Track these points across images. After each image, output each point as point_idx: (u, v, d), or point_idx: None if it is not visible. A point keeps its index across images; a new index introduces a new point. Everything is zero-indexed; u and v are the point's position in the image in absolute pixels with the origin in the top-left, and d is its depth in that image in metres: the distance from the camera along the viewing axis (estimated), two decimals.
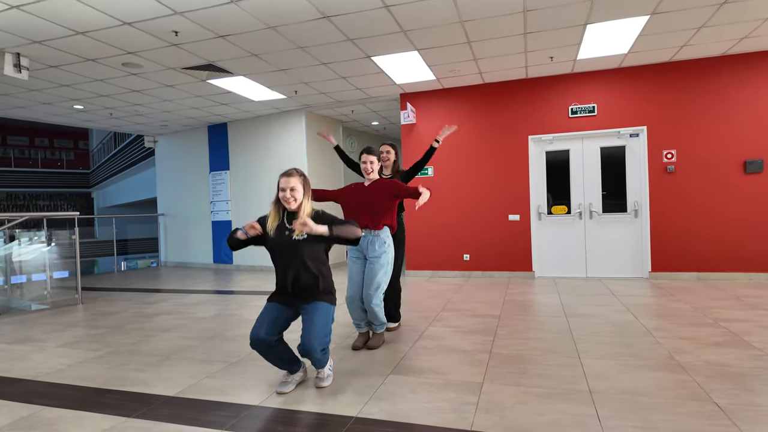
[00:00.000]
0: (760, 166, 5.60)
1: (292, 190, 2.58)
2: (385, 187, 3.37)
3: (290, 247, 2.59)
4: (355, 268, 3.45)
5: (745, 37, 5.10)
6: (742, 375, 2.67)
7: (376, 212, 3.34)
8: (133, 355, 3.45)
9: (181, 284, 7.06)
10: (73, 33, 4.34)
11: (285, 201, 2.60)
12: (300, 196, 2.61)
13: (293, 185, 2.59)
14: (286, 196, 2.58)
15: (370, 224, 3.33)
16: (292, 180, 2.59)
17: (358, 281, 3.41)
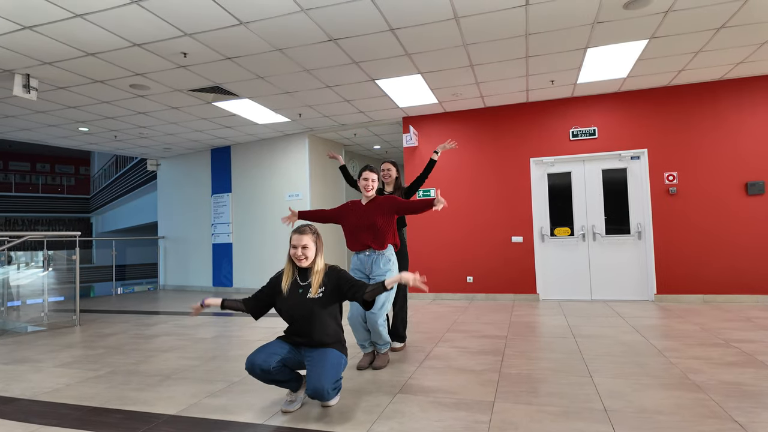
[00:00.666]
0: (762, 188, 5.63)
1: (304, 248, 2.56)
2: (385, 204, 3.31)
3: (305, 306, 2.56)
4: None
5: (742, 61, 5.21)
6: (761, 393, 2.60)
7: (377, 231, 3.27)
8: (132, 375, 3.36)
9: (181, 306, 6.95)
10: (83, 54, 4.42)
11: (296, 258, 2.58)
12: (312, 255, 2.59)
13: (305, 243, 2.57)
14: (297, 253, 2.57)
15: (373, 244, 3.28)
16: (304, 238, 2.57)
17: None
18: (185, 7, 3.60)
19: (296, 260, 2.58)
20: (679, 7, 3.86)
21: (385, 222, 3.29)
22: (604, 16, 3.99)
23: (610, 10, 3.89)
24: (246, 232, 8.56)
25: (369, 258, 3.30)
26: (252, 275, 8.47)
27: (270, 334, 4.68)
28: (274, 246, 8.14)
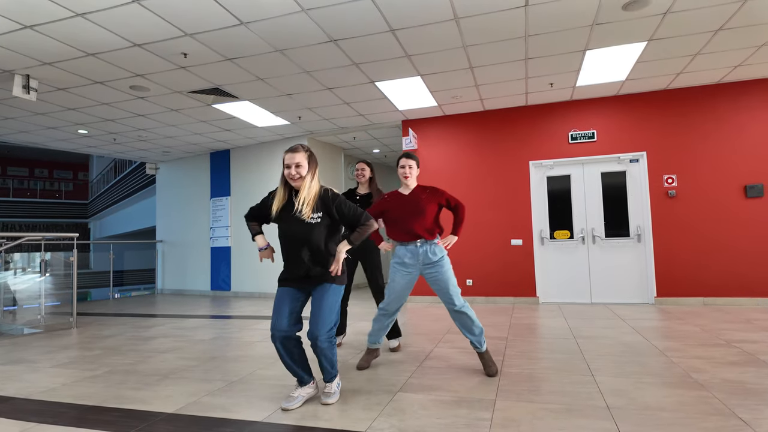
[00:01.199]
0: (761, 190, 5.64)
1: (297, 167, 2.49)
2: (433, 195, 3.22)
3: (301, 230, 2.50)
4: (402, 280, 3.17)
5: (740, 64, 5.24)
6: (764, 391, 2.58)
7: (426, 222, 3.15)
8: (130, 375, 3.33)
9: (179, 310, 6.91)
10: (83, 54, 4.42)
11: (290, 178, 2.51)
12: (304, 172, 2.51)
13: (298, 161, 2.49)
14: (291, 172, 2.49)
15: (424, 234, 3.13)
16: (297, 155, 2.50)
17: (401, 293, 3.19)
18: (186, 6, 3.60)
19: (290, 179, 2.52)
20: (677, 9, 3.89)
21: (433, 211, 3.20)
22: (604, 17, 4.01)
23: (609, 11, 3.91)
24: (245, 235, 8.53)
25: (420, 248, 3.14)
26: (250, 279, 8.43)
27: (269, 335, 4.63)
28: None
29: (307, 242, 2.50)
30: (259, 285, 8.28)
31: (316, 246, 2.51)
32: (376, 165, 10.65)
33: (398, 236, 3.22)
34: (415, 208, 3.17)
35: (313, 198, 2.51)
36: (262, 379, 3.12)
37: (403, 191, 3.31)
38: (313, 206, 2.50)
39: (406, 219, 3.17)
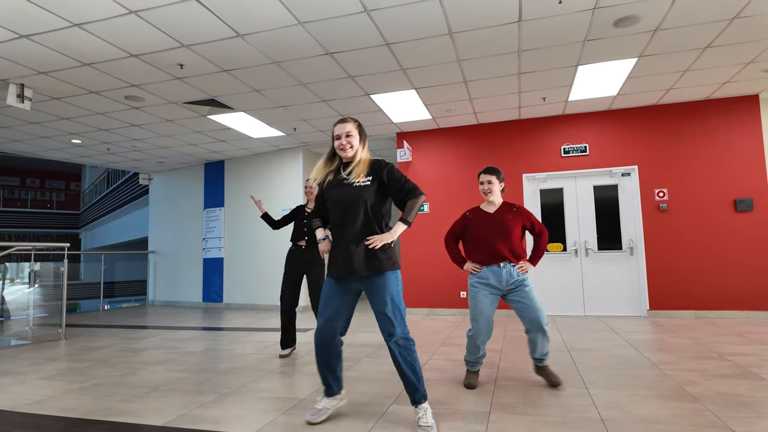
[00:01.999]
0: (750, 204, 5.72)
1: (348, 136, 2.40)
2: (520, 216, 3.06)
3: (351, 195, 2.35)
4: (486, 301, 2.98)
5: (727, 81, 5.35)
6: (757, 404, 2.59)
7: (513, 243, 2.99)
8: (119, 387, 3.27)
9: (170, 321, 6.82)
10: (79, 64, 4.43)
11: (341, 149, 2.41)
12: (356, 143, 2.42)
13: (348, 130, 2.41)
14: (342, 143, 2.40)
15: (509, 256, 2.97)
16: (347, 125, 2.42)
17: (489, 317, 2.96)
18: (184, 18, 3.63)
19: (340, 150, 2.41)
20: (666, 26, 3.97)
21: (519, 232, 3.04)
22: (595, 33, 4.09)
23: (600, 28, 3.99)
24: (238, 246, 8.49)
25: (501, 270, 2.97)
26: (243, 291, 8.36)
27: (261, 347, 4.59)
28: (266, 260, 8.06)
29: (355, 205, 2.34)
30: (252, 297, 8.21)
31: (366, 208, 2.34)
32: None
33: (480, 257, 3.03)
34: (500, 228, 2.99)
35: (365, 164, 2.41)
36: (255, 391, 3.08)
37: (486, 208, 3.13)
38: (365, 171, 2.39)
39: (489, 239, 2.99)
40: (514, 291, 2.97)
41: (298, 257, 4.18)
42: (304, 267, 4.16)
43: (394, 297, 2.32)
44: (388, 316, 2.30)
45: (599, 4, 3.60)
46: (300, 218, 4.28)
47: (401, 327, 2.32)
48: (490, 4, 3.57)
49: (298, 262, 4.17)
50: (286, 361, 3.96)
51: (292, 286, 4.15)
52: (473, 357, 3.08)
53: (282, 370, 3.67)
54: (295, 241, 4.23)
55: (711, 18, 3.86)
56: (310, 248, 4.18)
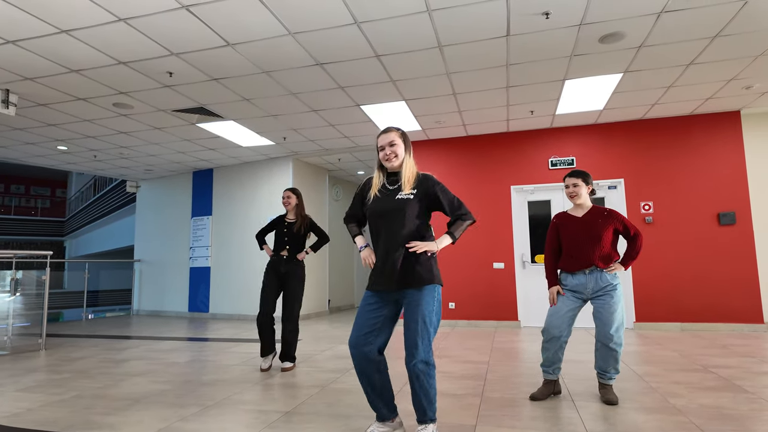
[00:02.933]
0: (733, 218, 5.81)
1: (392, 145, 2.30)
2: (611, 219, 2.92)
3: (394, 204, 2.26)
4: (569, 303, 2.92)
5: (710, 97, 5.47)
6: (741, 417, 2.60)
7: (603, 248, 2.87)
8: (99, 399, 3.19)
9: (154, 331, 6.71)
10: (67, 71, 4.39)
11: (386, 159, 2.31)
12: (401, 152, 2.32)
13: (392, 139, 2.31)
14: (386, 153, 2.30)
15: (598, 261, 2.87)
16: (390, 134, 2.32)
17: (570, 316, 2.90)
18: (173, 27, 3.63)
19: (385, 161, 2.31)
20: (651, 43, 4.06)
21: (609, 237, 2.92)
22: (582, 48, 4.16)
23: (586, 44, 4.07)
24: (225, 256, 8.41)
25: (589, 276, 2.89)
26: (230, 300, 8.27)
27: (246, 358, 4.53)
28: (253, 270, 7.99)
29: (396, 217, 2.24)
30: (239, 307, 8.12)
31: (405, 221, 2.24)
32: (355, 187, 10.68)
33: (567, 264, 2.97)
34: (589, 232, 2.89)
35: (413, 177, 2.31)
36: (239, 404, 3.03)
37: (574, 213, 3.03)
38: (412, 184, 2.29)
39: (578, 244, 2.90)
40: (598, 297, 2.89)
41: (278, 267, 4.13)
42: (283, 277, 4.13)
43: (425, 316, 2.16)
44: (413, 336, 2.14)
45: (585, 20, 3.67)
46: (280, 229, 4.23)
47: (425, 350, 2.13)
48: (479, 19, 3.62)
49: (277, 273, 4.13)
50: (271, 373, 3.91)
51: (271, 293, 4.09)
52: (548, 362, 2.99)
53: (267, 382, 3.62)
54: (277, 251, 4.18)
55: (694, 36, 3.96)
56: (290, 259, 4.15)
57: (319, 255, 8.53)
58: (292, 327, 4.06)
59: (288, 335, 4.04)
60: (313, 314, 8.17)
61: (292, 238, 4.18)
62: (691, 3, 3.46)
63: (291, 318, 4.05)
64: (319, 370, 3.98)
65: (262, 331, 4.04)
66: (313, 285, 8.24)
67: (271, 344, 4.08)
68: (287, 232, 4.19)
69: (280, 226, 4.26)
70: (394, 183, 2.33)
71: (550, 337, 2.96)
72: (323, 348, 5.07)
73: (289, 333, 4.04)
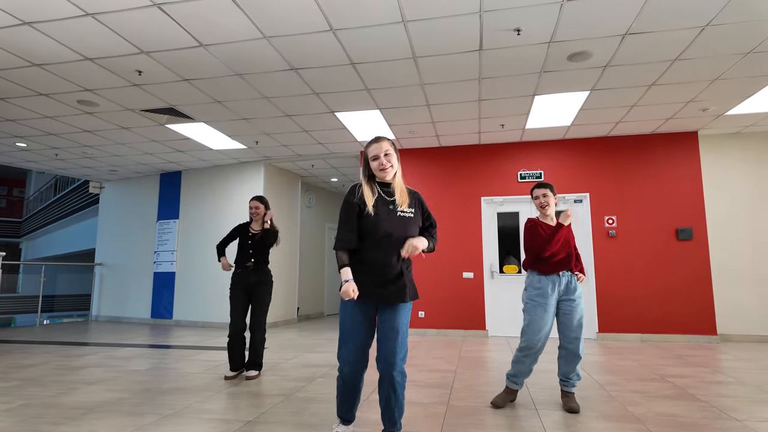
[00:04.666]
0: (690, 233, 6.08)
1: (386, 155, 2.22)
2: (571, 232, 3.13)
3: (401, 224, 2.20)
4: (547, 318, 3.02)
5: (670, 117, 5.73)
6: (693, 425, 2.70)
7: (573, 254, 3.08)
8: (49, 408, 3.04)
9: (114, 338, 6.45)
10: (28, 65, 4.22)
11: (381, 169, 2.22)
12: (395, 161, 2.26)
13: (386, 149, 2.23)
14: (381, 162, 2.22)
15: (571, 266, 3.06)
16: (383, 144, 2.23)
17: (548, 332, 3.02)
18: (144, 24, 3.55)
19: (380, 171, 2.23)
20: (616, 63, 4.23)
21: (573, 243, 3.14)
22: (551, 65, 4.29)
23: (555, 61, 4.20)
24: (191, 260, 8.19)
25: (562, 279, 3.03)
26: (195, 307, 8.04)
27: (210, 366, 4.41)
28: (220, 276, 7.81)
29: (404, 236, 2.19)
30: (204, 314, 7.91)
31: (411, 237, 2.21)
32: (334, 194, 10.65)
33: (545, 267, 3.05)
34: (566, 239, 3.05)
35: (406, 192, 2.29)
36: (199, 413, 2.94)
37: (546, 221, 3.16)
38: (408, 201, 2.26)
39: (558, 250, 3.03)
40: (568, 301, 3.03)
41: (245, 279, 3.98)
42: (251, 288, 3.99)
43: (404, 328, 2.20)
44: (393, 346, 2.15)
45: (555, 38, 3.79)
46: (244, 239, 4.06)
47: (403, 361, 2.19)
48: (453, 32, 3.69)
49: (247, 284, 3.98)
50: (234, 382, 3.81)
51: (241, 309, 3.95)
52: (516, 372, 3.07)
53: (230, 390, 3.53)
54: (241, 263, 4.00)
55: (655, 58, 4.14)
56: (257, 269, 4.01)
57: (289, 262, 8.42)
58: (261, 336, 3.95)
59: (257, 344, 3.94)
60: (281, 322, 8.04)
61: (257, 249, 4.03)
62: (653, 27, 3.63)
63: (260, 326, 3.94)
64: (284, 379, 3.91)
65: (233, 349, 3.90)
66: (282, 293, 8.12)
67: (242, 361, 3.98)
68: (252, 244, 4.03)
69: (244, 236, 4.09)
70: (390, 195, 2.26)
71: (527, 353, 3.03)
72: (289, 357, 4.99)
73: (258, 342, 3.94)
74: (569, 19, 3.51)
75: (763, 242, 6.09)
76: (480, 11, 3.41)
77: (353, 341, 2.21)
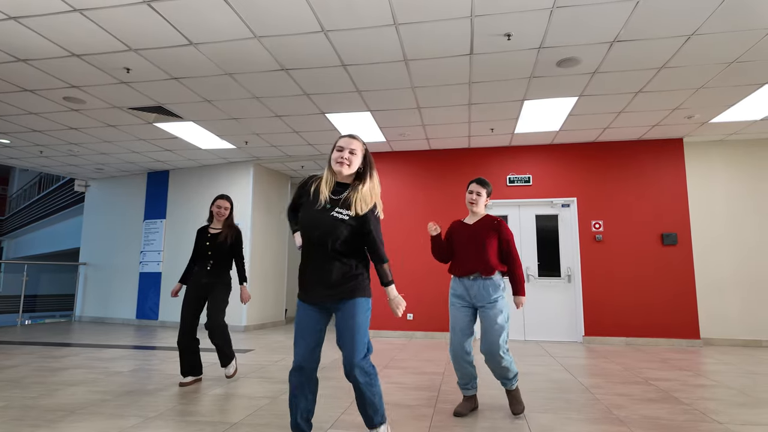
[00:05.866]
0: (675, 239, 6.17)
1: (351, 153, 2.16)
2: (492, 227, 2.97)
3: (331, 226, 2.10)
4: (459, 315, 2.97)
5: (656, 124, 5.82)
6: (676, 427, 2.73)
7: (486, 256, 2.92)
8: (29, 410, 2.98)
9: (97, 339, 6.35)
10: (13, 60, 4.15)
11: (338, 161, 2.14)
12: (356, 164, 2.17)
13: (354, 147, 2.16)
14: (343, 155, 2.14)
15: (480, 269, 2.92)
16: (354, 142, 2.18)
17: (463, 329, 2.94)
18: (133, 21, 3.51)
19: (337, 164, 2.14)
20: (604, 69, 4.29)
21: (493, 246, 2.96)
22: (540, 71, 4.34)
23: (545, 66, 4.24)
24: (178, 261, 8.10)
25: (475, 283, 2.94)
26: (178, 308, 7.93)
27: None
28: None
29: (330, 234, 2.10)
30: None
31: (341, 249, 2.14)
32: None
33: (454, 269, 3.05)
34: (473, 240, 2.96)
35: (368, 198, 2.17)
36: (184, 415, 2.91)
37: (467, 220, 3.11)
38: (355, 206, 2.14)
39: (465, 249, 2.96)
40: (483, 307, 2.93)
41: (200, 278, 3.76)
42: (206, 288, 3.76)
43: (360, 326, 2.11)
44: (351, 345, 2.09)
45: (544, 44, 3.83)
46: (202, 241, 3.81)
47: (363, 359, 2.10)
48: (444, 36, 3.71)
49: (199, 284, 3.75)
50: (220, 383, 3.77)
51: (190, 312, 3.69)
52: (461, 379, 3.02)
53: (216, 393, 3.49)
54: (201, 266, 3.79)
55: (642, 65, 4.21)
56: (214, 270, 3.78)
57: (277, 263, 8.38)
58: (219, 332, 3.69)
59: (221, 345, 3.72)
60: (269, 324, 7.98)
61: (216, 251, 3.78)
62: (640, 35, 3.69)
63: (215, 326, 3.67)
64: (271, 381, 3.88)
65: (183, 353, 3.66)
66: (270, 294, 8.07)
67: (194, 365, 3.72)
68: (210, 245, 3.78)
69: (202, 238, 3.83)
70: (337, 193, 2.18)
71: (455, 357, 2.96)
72: (277, 359, 4.96)
73: (217, 339, 3.69)
74: (559, 25, 3.55)
75: (746, 248, 6.21)
76: (471, 16, 3.44)
77: (303, 340, 2.14)
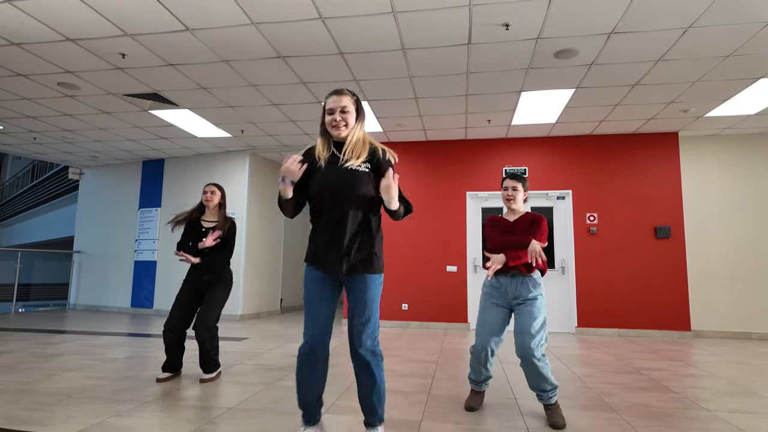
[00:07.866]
0: (668, 232, 6.22)
1: (343, 112, 2.03)
2: (540, 225, 2.76)
3: (345, 180, 1.99)
4: (492, 314, 2.78)
5: (651, 118, 5.84)
6: (666, 414, 2.78)
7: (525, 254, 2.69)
8: (25, 394, 2.99)
9: (92, 326, 6.35)
10: (6, 43, 4.10)
11: (334, 126, 2.03)
12: (352, 121, 2.06)
13: (345, 104, 2.03)
14: (335, 119, 2.03)
15: (521, 268, 2.73)
16: (343, 98, 2.04)
17: (493, 329, 2.75)
18: (129, 6, 3.48)
19: (333, 128, 2.04)
20: (601, 61, 4.30)
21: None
22: (538, 62, 4.34)
23: (542, 57, 4.24)
24: (173, 250, 8.05)
25: (513, 280, 2.75)
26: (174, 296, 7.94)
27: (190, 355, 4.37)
28: None
29: (353, 195, 1.98)
30: None
31: (362, 198, 1.99)
32: None
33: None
34: (514, 237, 2.76)
35: (361, 144, 2.06)
36: (180, 399, 2.93)
37: (507, 217, 2.94)
38: (360, 154, 2.03)
39: (504, 248, 2.75)
40: (521, 305, 2.74)
41: (198, 277, 3.55)
42: (203, 287, 3.54)
43: (375, 304, 2.03)
44: (366, 324, 2.00)
45: (542, 34, 3.83)
46: (195, 233, 3.55)
47: (371, 338, 2.02)
48: (443, 24, 3.71)
49: (196, 282, 3.54)
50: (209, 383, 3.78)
51: (181, 306, 3.48)
52: (475, 376, 2.90)
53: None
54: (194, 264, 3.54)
55: (639, 58, 4.22)
56: (209, 267, 3.54)
57: (272, 252, 8.38)
58: (206, 334, 3.38)
59: (202, 344, 3.39)
60: (264, 313, 8.01)
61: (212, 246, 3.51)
62: (638, 27, 3.69)
63: (205, 325, 3.39)
64: (266, 368, 3.91)
65: (167, 346, 3.42)
66: (265, 283, 8.08)
67: (175, 362, 3.48)
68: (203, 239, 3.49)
69: (194, 229, 3.57)
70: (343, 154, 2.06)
71: (477, 354, 2.82)
72: (272, 347, 4.99)
73: (204, 341, 3.38)
74: (557, 15, 3.55)
75: (737, 242, 6.27)
76: (470, 5, 3.43)
77: (314, 316, 2.03)
